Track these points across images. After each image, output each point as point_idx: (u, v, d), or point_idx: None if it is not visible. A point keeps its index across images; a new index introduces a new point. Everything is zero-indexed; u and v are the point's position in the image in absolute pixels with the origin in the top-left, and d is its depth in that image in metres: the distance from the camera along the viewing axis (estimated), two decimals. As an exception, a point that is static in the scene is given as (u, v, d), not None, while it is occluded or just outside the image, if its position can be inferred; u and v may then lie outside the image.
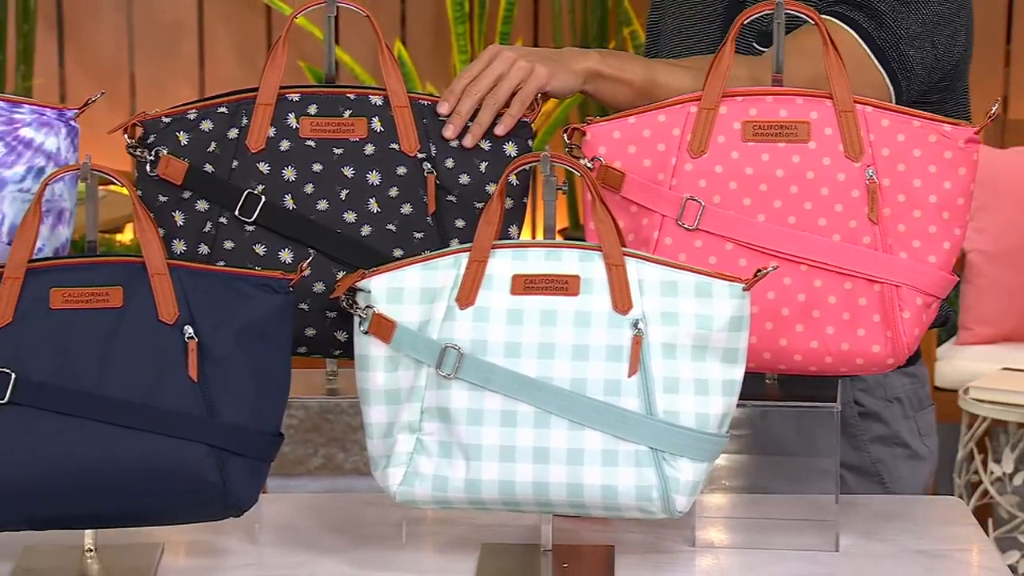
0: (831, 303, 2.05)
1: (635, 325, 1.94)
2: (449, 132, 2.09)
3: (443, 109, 2.09)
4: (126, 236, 4.68)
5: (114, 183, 1.98)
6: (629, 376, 1.93)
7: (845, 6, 2.24)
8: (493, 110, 2.09)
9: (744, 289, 1.94)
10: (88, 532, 2.03)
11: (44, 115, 2.06)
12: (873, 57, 2.23)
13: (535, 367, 1.94)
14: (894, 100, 2.22)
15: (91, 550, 2.03)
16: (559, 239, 2.00)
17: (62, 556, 2.03)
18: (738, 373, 1.95)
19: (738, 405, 1.99)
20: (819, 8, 2.23)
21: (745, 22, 2.06)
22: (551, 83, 2.12)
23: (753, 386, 2.10)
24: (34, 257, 1.95)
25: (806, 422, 2.15)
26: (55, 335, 1.93)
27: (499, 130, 2.09)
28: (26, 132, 2.06)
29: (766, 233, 2.05)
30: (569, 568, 2.02)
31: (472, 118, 2.10)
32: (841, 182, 2.05)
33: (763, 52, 2.28)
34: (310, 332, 2.08)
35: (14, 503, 1.92)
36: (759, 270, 1.94)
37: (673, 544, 2.10)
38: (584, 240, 2.00)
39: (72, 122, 2.07)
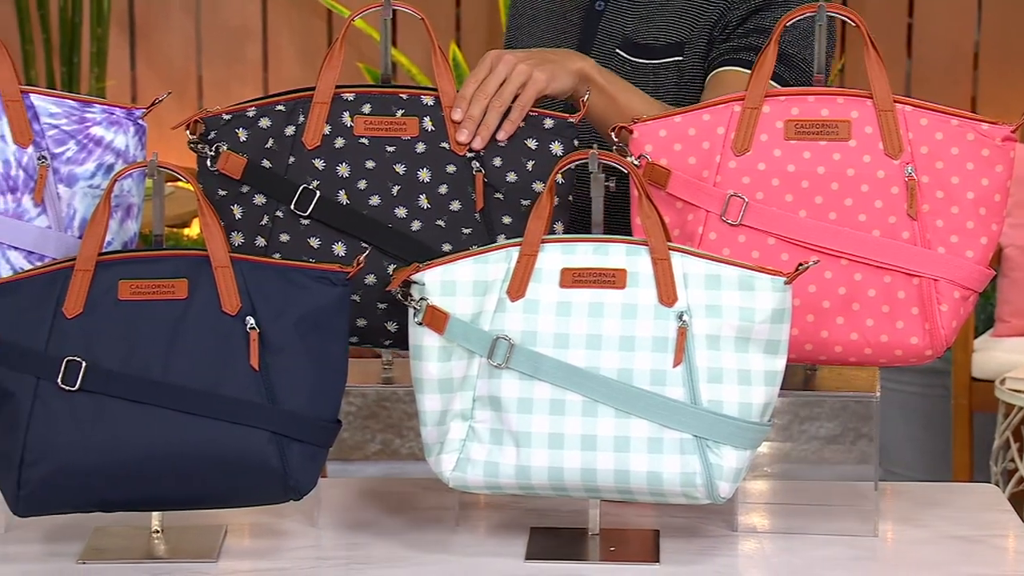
0: (871, 296, 2.09)
1: (680, 317, 1.99)
2: (463, 136, 2.12)
3: (456, 116, 2.13)
4: (193, 231, 4.76)
5: (180, 179, 2.03)
6: (674, 366, 1.98)
7: (753, 53, 2.31)
8: (499, 112, 2.13)
9: (786, 283, 1.98)
10: (155, 514, 2.08)
11: (114, 114, 2.12)
12: None
13: (583, 357, 1.99)
14: None
15: (158, 531, 2.09)
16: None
17: (130, 536, 2.09)
18: (780, 364, 2.00)
19: (780, 394, 2.04)
20: (724, 56, 2.33)
21: (787, 24, 2.11)
22: (550, 86, 2.16)
23: (794, 375, 2.15)
24: (103, 251, 2.01)
25: (846, 411, 2.18)
26: (123, 325, 1.98)
27: (500, 136, 2.13)
28: (97, 131, 2.12)
29: (807, 228, 2.09)
30: (615, 551, 2.07)
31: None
32: (881, 179, 2.09)
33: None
34: (361, 323, 2.14)
35: (85, 486, 1.98)
36: (800, 264, 1.99)
37: (716, 529, 2.14)
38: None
39: (140, 121, 2.12)
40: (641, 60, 2.35)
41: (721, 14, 2.36)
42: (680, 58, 2.36)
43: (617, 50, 2.37)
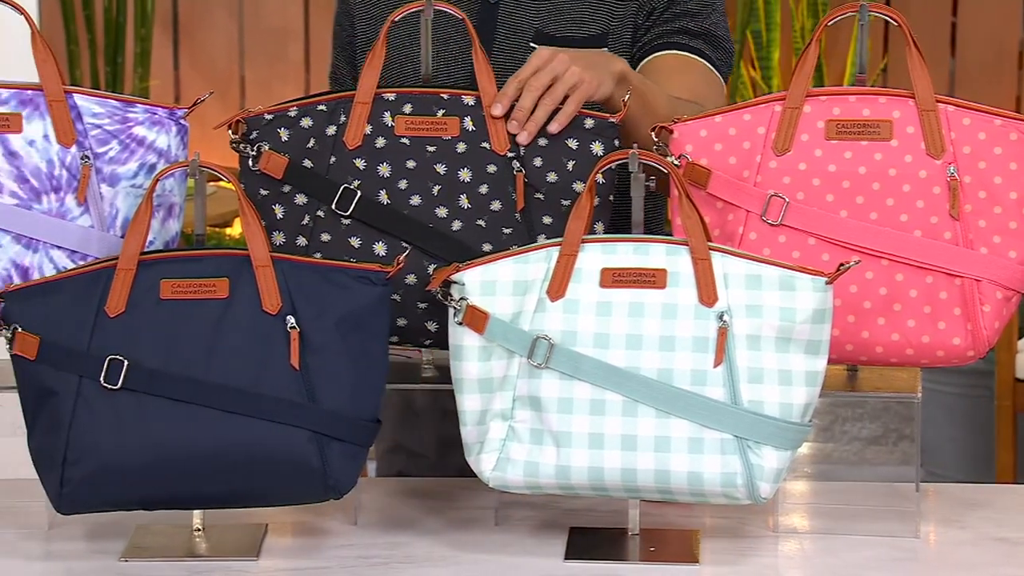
0: (912, 297, 2.08)
1: (720, 317, 1.99)
2: (513, 127, 2.11)
3: (496, 111, 2.12)
4: (235, 230, 4.78)
5: (222, 179, 2.04)
6: (714, 366, 1.98)
7: (686, 36, 2.33)
8: (548, 109, 2.11)
9: (827, 283, 1.98)
10: (196, 512, 2.09)
11: (156, 114, 2.13)
12: (717, 72, 2.36)
13: (623, 357, 1.99)
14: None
15: (199, 529, 2.10)
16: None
17: (172, 535, 2.10)
18: (821, 364, 2.00)
19: (821, 395, 2.03)
20: (657, 41, 2.34)
21: (829, 24, 2.10)
22: (598, 92, 2.14)
23: (835, 376, 2.15)
24: (145, 250, 2.02)
25: (888, 411, 2.18)
26: (165, 324, 1.99)
27: (553, 127, 2.11)
28: (139, 130, 2.13)
29: (848, 229, 2.09)
30: (655, 551, 2.07)
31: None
32: (923, 179, 2.08)
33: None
34: (402, 322, 2.14)
35: (127, 484, 1.99)
36: (842, 264, 1.98)
37: (757, 529, 2.14)
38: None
39: (182, 121, 2.13)
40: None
41: (642, 2, 2.35)
42: (604, 48, 2.33)
43: (531, 43, 2.33)
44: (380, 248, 2.13)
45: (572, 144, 2.14)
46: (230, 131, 2.13)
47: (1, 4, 2.11)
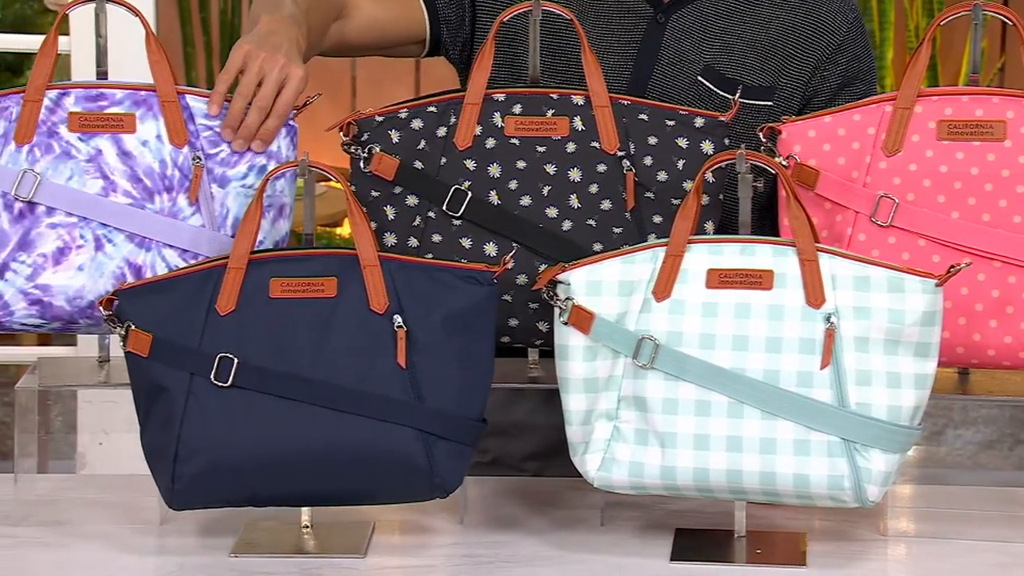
0: (1025, 299, 2.07)
1: (828, 319, 1.97)
2: (227, 135, 2.10)
3: (213, 111, 2.11)
4: (345, 230, 4.81)
5: (331, 179, 2.06)
6: (821, 368, 1.97)
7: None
8: (263, 111, 2.10)
9: (937, 285, 1.96)
10: (305, 509, 2.11)
11: (266, 116, 2.16)
12: None
13: (729, 359, 1.98)
14: None
15: (307, 526, 2.11)
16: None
17: (281, 531, 2.12)
18: (931, 367, 1.98)
19: (932, 397, 2.01)
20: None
21: (942, 23, 2.08)
22: (302, 83, 2.12)
23: (947, 378, 2.13)
24: (255, 249, 2.04)
25: (1003, 415, 2.15)
26: (274, 323, 2.01)
27: (256, 147, 2.11)
28: (249, 132, 2.16)
29: (960, 230, 2.07)
30: (762, 553, 2.06)
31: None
32: (1037, 180, 2.07)
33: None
34: (513, 322, 2.15)
35: (236, 481, 2.01)
36: (952, 266, 1.96)
37: (865, 533, 2.12)
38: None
39: (291, 122, 2.14)
40: (729, 95, 2.20)
41: (812, 71, 2.31)
42: (770, 104, 2.30)
43: (699, 78, 2.29)
44: (491, 248, 2.14)
45: (682, 143, 2.14)
46: (341, 133, 2.15)
47: (119, 7, 2.14)
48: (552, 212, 2.14)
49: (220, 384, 2.00)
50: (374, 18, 2.34)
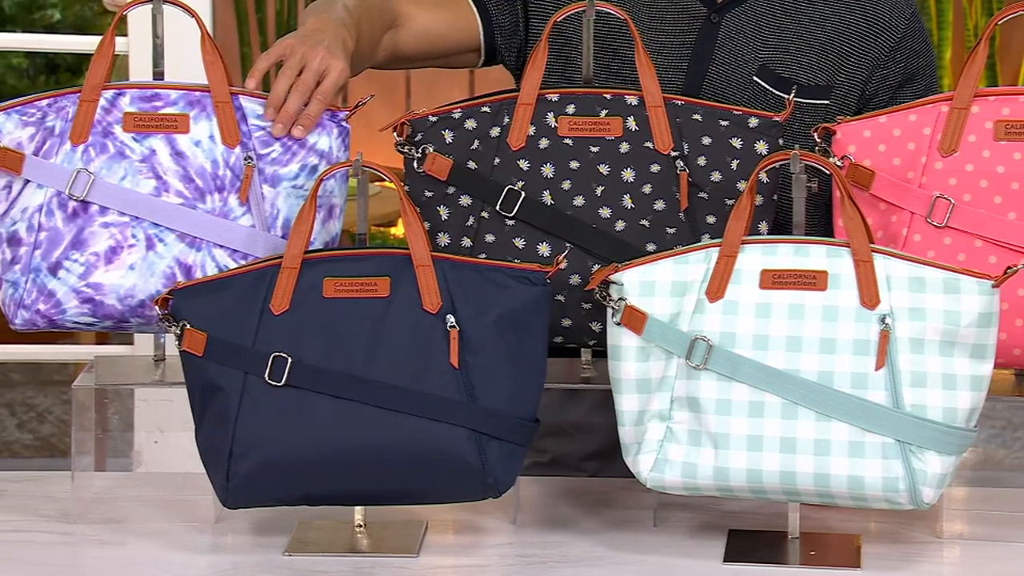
0: (1083, 300, 2.05)
1: (883, 320, 1.96)
2: (270, 114, 2.12)
3: (251, 84, 2.14)
4: (399, 230, 4.83)
5: (385, 179, 2.06)
6: (876, 370, 1.96)
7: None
8: (303, 97, 2.11)
9: (993, 286, 1.95)
10: (358, 508, 2.11)
11: (318, 117, 2.16)
12: None
13: (783, 360, 1.98)
14: None
15: (361, 525, 2.12)
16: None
17: (334, 530, 2.12)
18: (987, 369, 1.97)
19: (989, 399, 2.00)
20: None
21: (999, 22, 2.07)
22: (343, 76, 2.13)
23: (1005, 380, 2.11)
24: (308, 249, 2.04)
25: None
26: (327, 322, 2.02)
27: (297, 133, 2.12)
28: (301, 132, 2.16)
29: (1017, 231, 2.06)
30: (816, 555, 2.05)
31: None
32: (1095, 180, 2.05)
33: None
34: (566, 323, 2.15)
35: (290, 480, 2.01)
36: (1009, 267, 1.95)
37: (920, 535, 2.11)
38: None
39: (344, 123, 2.15)
40: (785, 95, 2.20)
41: (871, 69, 2.29)
42: (827, 102, 2.29)
43: (755, 77, 2.28)
44: (544, 249, 2.14)
45: (736, 143, 2.13)
46: (395, 134, 2.15)
47: (175, 8, 2.15)
48: (605, 212, 2.14)
49: (274, 383, 2.01)
50: (427, 27, 2.34)
